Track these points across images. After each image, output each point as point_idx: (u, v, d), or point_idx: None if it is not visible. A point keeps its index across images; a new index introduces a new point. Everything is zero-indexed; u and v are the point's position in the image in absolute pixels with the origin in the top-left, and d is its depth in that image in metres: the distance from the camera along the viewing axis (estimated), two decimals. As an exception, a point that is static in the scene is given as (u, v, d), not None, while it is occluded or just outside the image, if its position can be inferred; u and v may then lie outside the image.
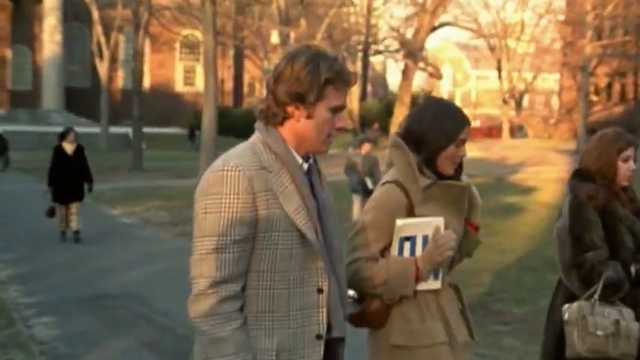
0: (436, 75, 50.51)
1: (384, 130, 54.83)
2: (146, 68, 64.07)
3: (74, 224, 13.33)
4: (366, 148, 14.15)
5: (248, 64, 66.17)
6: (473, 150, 45.54)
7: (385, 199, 3.06)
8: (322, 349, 2.50)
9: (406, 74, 48.31)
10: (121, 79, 62.24)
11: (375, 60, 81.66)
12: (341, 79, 2.51)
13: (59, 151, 13.40)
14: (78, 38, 55.40)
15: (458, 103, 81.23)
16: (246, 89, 68.08)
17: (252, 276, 2.42)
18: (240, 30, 52.64)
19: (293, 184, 2.46)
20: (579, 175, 3.96)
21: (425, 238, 2.99)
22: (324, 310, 2.49)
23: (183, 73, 65.35)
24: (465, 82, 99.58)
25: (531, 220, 16.51)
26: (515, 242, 12.99)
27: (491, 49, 65.57)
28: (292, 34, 44.71)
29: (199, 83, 64.69)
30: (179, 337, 7.33)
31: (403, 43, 48.79)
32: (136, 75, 31.99)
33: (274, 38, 48.44)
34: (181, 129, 53.74)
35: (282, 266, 2.42)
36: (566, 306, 3.74)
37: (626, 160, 3.88)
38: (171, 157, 40.72)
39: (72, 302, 8.80)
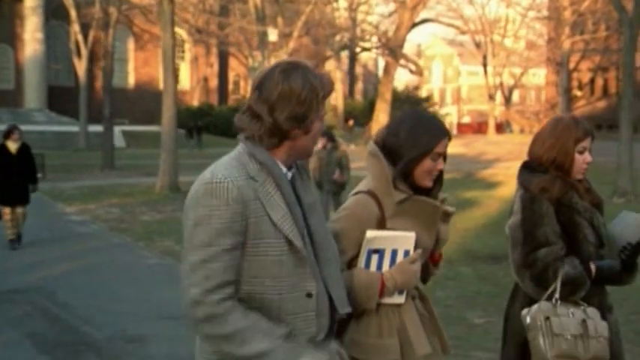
0: (417, 72, 50.63)
1: (364, 126, 55.07)
2: (131, 67, 64.32)
3: (14, 230, 12.41)
4: (322, 142, 13.19)
5: (233, 62, 66.28)
6: (454, 146, 45.69)
7: (357, 209, 3.01)
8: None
9: (387, 71, 48.44)
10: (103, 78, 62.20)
11: (367, 57, 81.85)
12: (329, 90, 2.56)
13: (2, 150, 12.41)
14: (60, 37, 55.35)
15: (448, 99, 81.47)
16: (231, 86, 68.15)
17: (243, 282, 2.44)
18: (224, 28, 52.76)
19: (278, 192, 2.48)
20: (529, 167, 3.59)
21: (393, 252, 2.94)
22: (314, 313, 2.52)
23: (167, 71, 65.41)
24: (456, 78, 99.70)
25: (478, 214, 16.65)
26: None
27: (477, 44, 65.69)
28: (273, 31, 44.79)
29: (184, 81, 64.84)
30: (66, 329, 7.47)
31: (383, 39, 48.93)
32: (106, 73, 32.04)
33: (272, 36, 48.47)
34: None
35: (273, 272, 2.45)
36: (525, 310, 3.37)
37: (582, 152, 3.51)
38: (152, 155, 40.80)
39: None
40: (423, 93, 71.65)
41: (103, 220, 16.32)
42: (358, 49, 63.09)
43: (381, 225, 2.97)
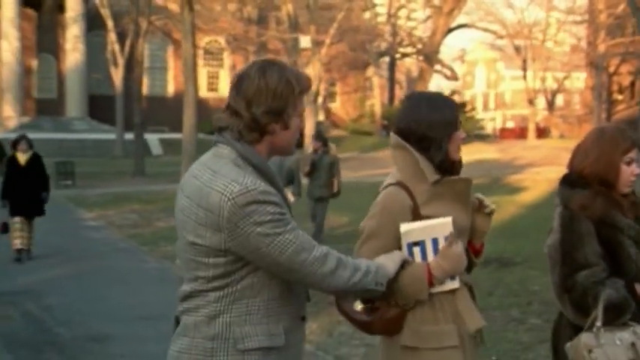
0: (452, 77, 50.59)
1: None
2: (170, 75, 65.18)
3: (25, 242, 12.18)
4: (315, 145, 13.04)
5: (272, 69, 66.65)
6: (488, 152, 45.75)
7: (388, 202, 3.02)
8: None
9: (422, 76, 48.57)
10: (145, 86, 63.16)
11: (409, 63, 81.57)
12: (307, 87, 2.66)
13: (12, 161, 12.35)
14: (100, 46, 56.36)
15: (492, 104, 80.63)
16: (270, 94, 68.52)
17: (264, 271, 2.56)
18: (262, 35, 53.26)
19: (273, 190, 2.58)
20: (569, 181, 3.35)
21: (434, 242, 2.93)
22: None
23: (207, 78, 66.08)
24: (499, 82, 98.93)
25: (493, 218, 16.62)
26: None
27: (516, 49, 65.22)
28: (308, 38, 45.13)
29: (223, 89, 65.41)
30: (38, 330, 7.78)
31: (418, 45, 49.05)
32: (136, 82, 32.62)
33: (304, 43, 48.83)
34: (206, 135, 54.42)
35: None
36: (568, 344, 3.15)
37: (629, 163, 3.27)
38: (187, 162, 41.41)
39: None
40: (465, 98, 71.44)
41: (116, 225, 16.70)
42: (398, 55, 63.24)
43: (415, 214, 2.97)
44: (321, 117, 67.12)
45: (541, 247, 11.27)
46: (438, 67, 48.95)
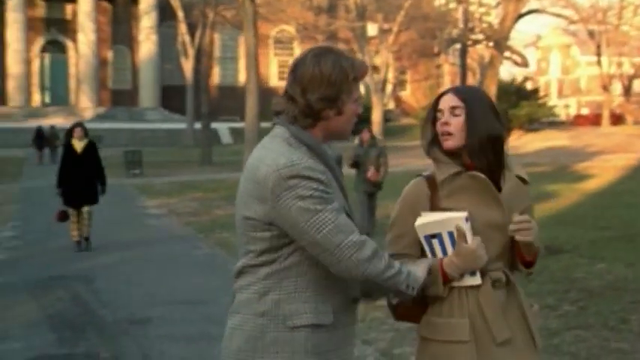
0: (522, 64, 49.80)
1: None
2: (242, 65, 65.84)
3: (84, 230, 12.11)
4: (366, 135, 12.56)
5: (342, 58, 66.86)
6: (560, 139, 45.04)
7: (407, 192, 3.04)
8: (357, 310, 2.85)
9: (492, 63, 47.85)
10: (216, 76, 64.16)
11: (483, 49, 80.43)
12: (361, 74, 2.72)
13: (68, 149, 12.24)
14: (173, 37, 57.36)
15: (567, 90, 78.73)
16: (340, 82, 68.77)
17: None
18: (330, 24, 53.39)
19: (329, 171, 2.67)
20: None
21: (450, 235, 2.88)
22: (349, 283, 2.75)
23: (277, 68, 66.66)
24: (574, 68, 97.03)
25: (551, 205, 16.53)
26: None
27: (590, 34, 63.88)
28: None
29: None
30: (84, 312, 8.13)
31: (487, 31, 48.35)
32: (203, 73, 33.19)
33: (371, 31, 48.85)
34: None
35: None
36: None
37: None
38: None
39: (27, 283, 9.72)
40: (538, 85, 70.30)
41: (177, 213, 17.10)
42: (469, 42, 62.50)
43: (434, 205, 2.95)
44: (391, 105, 67.03)
45: (593, 235, 11.33)
46: (507, 53, 48.19)
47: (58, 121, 48.91)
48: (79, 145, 12.15)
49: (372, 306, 8.06)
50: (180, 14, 43.30)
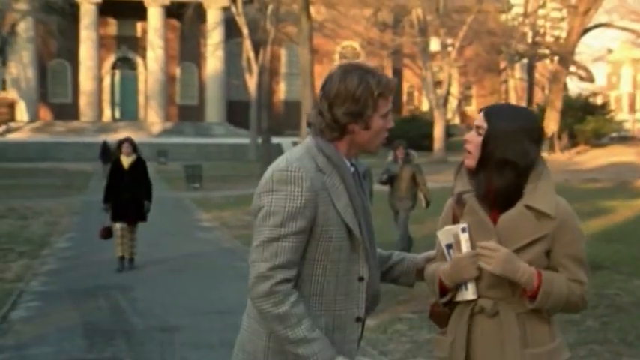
0: (587, 78, 49.21)
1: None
2: (307, 80, 66.58)
3: (127, 249, 11.86)
4: (400, 152, 11.96)
5: (407, 73, 67.01)
6: (626, 154, 44.19)
7: (445, 206, 3.09)
8: (360, 329, 2.84)
9: (556, 78, 47.49)
10: (282, 92, 64.94)
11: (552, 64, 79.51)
12: (388, 90, 2.76)
13: (116, 165, 12.04)
14: (239, 54, 58.31)
15: (639, 105, 77.12)
16: (405, 97, 68.81)
17: (307, 264, 2.69)
18: (394, 40, 53.56)
19: (343, 184, 2.72)
20: None
21: (448, 246, 2.96)
22: (364, 295, 2.79)
23: (342, 83, 67.08)
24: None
25: (602, 222, 16.36)
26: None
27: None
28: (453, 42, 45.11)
29: (359, 93, 66.22)
30: (118, 320, 8.51)
31: (552, 46, 48.01)
32: (264, 88, 33.64)
33: (434, 46, 48.90)
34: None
35: (334, 256, 2.70)
36: None
37: None
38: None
39: (72, 292, 10.14)
40: (606, 99, 69.14)
41: (229, 226, 17.46)
42: (536, 57, 61.98)
43: (455, 219, 2.97)
44: (457, 120, 66.77)
45: (637, 251, 11.21)
46: (573, 68, 47.73)
47: (128, 135, 50.10)
48: (126, 161, 11.92)
49: (396, 318, 8.27)
50: (245, 31, 43.99)
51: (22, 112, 58.18)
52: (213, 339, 7.50)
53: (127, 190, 11.70)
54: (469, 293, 2.87)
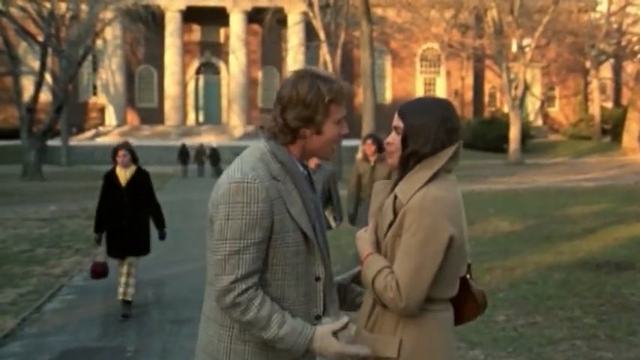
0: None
1: (615, 135, 52.93)
2: (388, 83, 66.65)
3: (125, 288, 8.81)
4: (370, 148, 9.39)
5: (489, 74, 66.45)
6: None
7: None
8: None
9: (639, 78, 46.52)
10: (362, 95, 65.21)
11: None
12: (340, 96, 2.79)
13: (109, 180, 8.88)
14: (318, 57, 58.93)
15: None
16: (487, 99, 68.20)
17: (265, 270, 2.73)
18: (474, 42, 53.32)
19: (296, 189, 2.76)
20: None
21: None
22: (321, 294, 2.86)
23: (423, 85, 67.01)
24: None
25: (625, 225, 16.05)
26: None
27: None
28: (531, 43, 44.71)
29: (440, 93, 66.12)
30: (140, 312, 9.01)
31: (635, 45, 46.99)
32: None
33: (514, 47, 48.53)
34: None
35: (292, 260, 2.75)
36: None
37: None
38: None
39: (106, 287, 10.57)
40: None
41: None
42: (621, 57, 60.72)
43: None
44: (539, 122, 65.85)
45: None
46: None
47: (210, 139, 51.44)
48: (123, 174, 8.83)
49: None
50: (322, 35, 44.47)
51: (110, 117, 60.24)
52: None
53: (126, 214, 8.77)
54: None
